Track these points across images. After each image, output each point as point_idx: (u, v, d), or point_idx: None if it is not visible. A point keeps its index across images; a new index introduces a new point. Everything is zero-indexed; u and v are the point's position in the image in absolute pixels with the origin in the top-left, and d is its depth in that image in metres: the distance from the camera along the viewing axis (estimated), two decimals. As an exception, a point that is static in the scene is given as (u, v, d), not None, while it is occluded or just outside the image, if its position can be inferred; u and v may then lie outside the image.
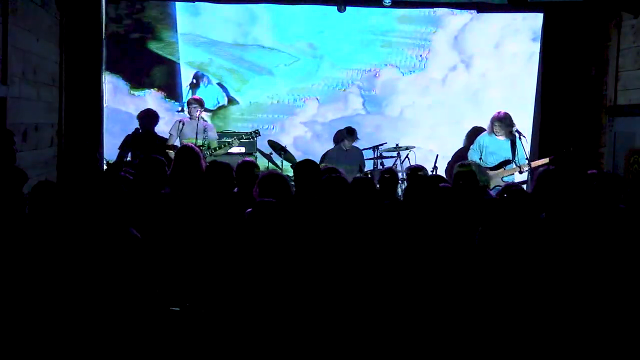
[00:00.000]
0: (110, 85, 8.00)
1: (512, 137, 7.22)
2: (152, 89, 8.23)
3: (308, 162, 4.99)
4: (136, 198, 4.33)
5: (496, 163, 7.17)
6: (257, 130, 7.43)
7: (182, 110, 7.76)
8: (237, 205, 4.30)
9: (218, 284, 3.59)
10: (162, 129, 7.71)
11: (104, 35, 7.53)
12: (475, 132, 8.04)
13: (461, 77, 8.54)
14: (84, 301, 3.35)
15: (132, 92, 8.20)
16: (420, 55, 8.49)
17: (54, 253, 3.48)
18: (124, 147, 7.57)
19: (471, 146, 7.50)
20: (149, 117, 7.67)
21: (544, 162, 7.05)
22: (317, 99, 8.47)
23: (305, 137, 8.31)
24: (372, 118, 8.55)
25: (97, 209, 3.62)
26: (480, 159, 7.18)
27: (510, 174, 7.14)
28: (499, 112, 7.35)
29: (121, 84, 8.16)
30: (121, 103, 8.17)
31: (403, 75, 8.51)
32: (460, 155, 8.01)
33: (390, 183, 5.05)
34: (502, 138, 7.27)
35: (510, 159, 7.18)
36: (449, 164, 7.90)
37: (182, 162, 4.97)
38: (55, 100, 6.80)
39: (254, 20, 8.25)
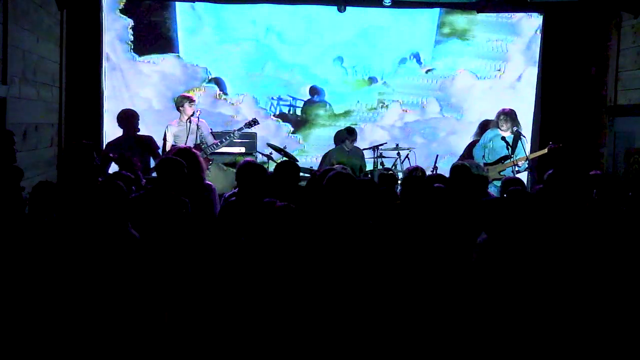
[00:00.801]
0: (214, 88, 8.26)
1: (515, 134, 7.23)
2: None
3: (288, 164, 4.99)
4: (154, 200, 4.32)
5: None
6: (255, 119, 7.22)
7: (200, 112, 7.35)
8: (239, 206, 4.30)
9: (219, 285, 3.59)
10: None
11: (104, 34, 7.53)
12: (483, 126, 8.04)
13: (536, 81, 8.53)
14: (83, 301, 3.35)
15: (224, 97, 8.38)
16: (497, 61, 8.57)
17: (54, 252, 3.48)
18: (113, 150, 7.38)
19: (478, 143, 7.54)
20: (128, 119, 7.39)
21: (541, 154, 7.11)
22: (399, 102, 8.61)
23: (380, 141, 8.18)
24: (448, 122, 8.65)
25: (95, 208, 3.62)
26: (483, 156, 7.24)
27: (506, 168, 7.11)
28: (504, 108, 7.39)
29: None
30: (220, 106, 8.34)
31: (478, 79, 8.59)
32: (469, 150, 8.03)
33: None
34: (506, 134, 7.28)
35: (510, 154, 7.19)
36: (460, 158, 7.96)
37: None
38: (55, 100, 6.80)
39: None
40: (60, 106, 6.91)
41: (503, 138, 7.19)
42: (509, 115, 7.28)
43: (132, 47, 7.95)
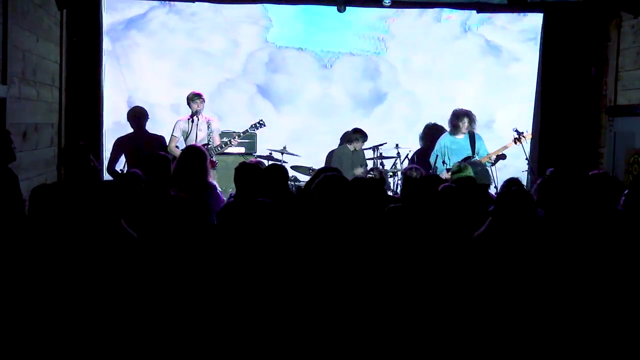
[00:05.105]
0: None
1: (470, 134, 7.27)
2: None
3: (276, 167, 4.93)
4: (143, 197, 4.31)
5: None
6: (262, 120, 7.06)
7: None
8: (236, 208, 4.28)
9: (216, 285, 3.59)
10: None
11: (103, 34, 7.53)
12: (430, 131, 8.07)
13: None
14: (82, 301, 3.35)
15: None
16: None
17: (53, 254, 3.48)
18: (117, 150, 7.41)
19: (432, 151, 7.45)
20: (136, 116, 7.48)
21: (502, 150, 7.16)
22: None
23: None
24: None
25: (92, 208, 3.61)
26: (443, 162, 7.16)
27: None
28: (461, 108, 7.39)
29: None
30: None
31: None
32: (421, 157, 7.92)
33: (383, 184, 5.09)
34: (461, 136, 7.29)
35: (471, 155, 7.18)
36: (409, 164, 7.60)
37: (187, 162, 4.95)
38: (55, 100, 6.81)
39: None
40: (60, 106, 6.92)
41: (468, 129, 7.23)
42: (467, 116, 7.30)
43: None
